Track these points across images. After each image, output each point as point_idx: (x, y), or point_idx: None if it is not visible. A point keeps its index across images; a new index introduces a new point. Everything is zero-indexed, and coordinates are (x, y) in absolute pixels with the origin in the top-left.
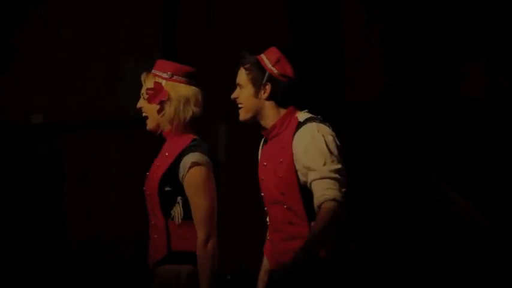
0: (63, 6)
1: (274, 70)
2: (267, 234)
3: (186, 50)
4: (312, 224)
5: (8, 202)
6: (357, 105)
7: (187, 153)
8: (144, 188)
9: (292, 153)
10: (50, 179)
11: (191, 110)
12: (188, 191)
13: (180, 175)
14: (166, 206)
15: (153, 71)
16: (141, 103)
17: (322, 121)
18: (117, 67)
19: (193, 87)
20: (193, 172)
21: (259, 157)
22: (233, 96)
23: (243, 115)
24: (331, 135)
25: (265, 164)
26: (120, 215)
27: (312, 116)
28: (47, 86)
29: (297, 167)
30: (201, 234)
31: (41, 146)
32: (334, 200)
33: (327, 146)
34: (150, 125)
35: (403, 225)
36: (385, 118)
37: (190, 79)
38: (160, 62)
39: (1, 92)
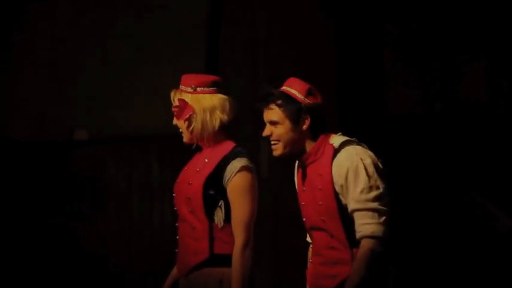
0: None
1: (308, 101)
2: (310, 256)
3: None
4: (353, 264)
5: (47, 217)
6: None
7: (235, 158)
8: (175, 194)
9: (332, 180)
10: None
11: (219, 118)
12: (233, 195)
13: (225, 179)
14: (209, 210)
15: (180, 86)
16: (174, 120)
17: (359, 143)
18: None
19: (219, 95)
20: (241, 176)
21: (296, 180)
22: (266, 134)
23: (281, 151)
24: (370, 157)
25: (304, 189)
26: (161, 232)
27: (348, 139)
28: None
29: (339, 192)
30: (239, 239)
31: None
32: (371, 237)
33: (366, 170)
34: (185, 139)
35: (446, 240)
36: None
37: (215, 88)
38: (184, 77)
39: (43, 106)
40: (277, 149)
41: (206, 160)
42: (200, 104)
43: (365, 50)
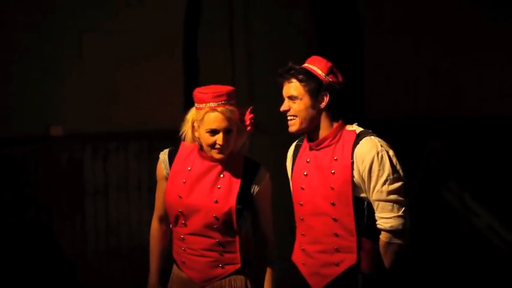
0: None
1: (329, 79)
2: (297, 243)
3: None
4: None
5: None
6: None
7: (258, 168)
8: (185, 209)
9: (351, 165)
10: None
11: None
12: (263, 202)
13: (254, 190)
14: (238, 223)
15: (225, 101)
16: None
17: (376, 135)
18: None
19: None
20: (268, 184)
21: (291, 165)
22: (284, 108)
23: (298, 126)
24: (392, 150)
25: (305, 173)
26: (140, 228)
27: (366, 130)
28: (68, 97)
29: (356, 179)
30: (272, 240)
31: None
32: (389, 231)
33: (391, 161)
34: (224, 154)
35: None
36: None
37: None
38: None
39: (20, 103)
40: (294, 125)
41: (222, 175)
42: (236, 117)
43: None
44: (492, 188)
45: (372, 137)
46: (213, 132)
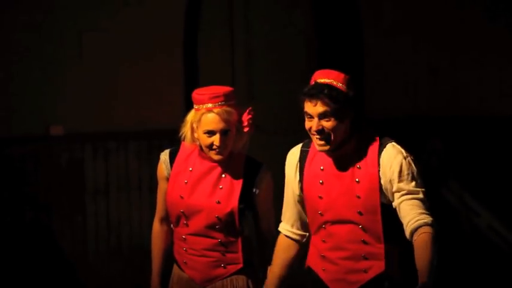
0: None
1: (351, 93)
2: (314, 249)
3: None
4: (416, 255)
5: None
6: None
7: (261, 166)
8: (186, 209)
9: (378, 173)
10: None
11: None
12: (265, 202)
13: (257, 189)
14: (241, 223)
15: (222, 103)
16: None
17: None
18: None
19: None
20: (270, 183)
21: (297, 173)
22: (317, 128)
23: (334, 144)
24: (412, 156)
25: (321, 181)
26: (140, 228)
27: (385, 136)
28: (68, 97)
29: (384, 185)
30: (274, 243)
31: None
32: (431, 225)
33: (416, 166)
34: (223, 155)
35: None
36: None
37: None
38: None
39: (21, 102)
40: (331, 143)
41: (223, 176)
42: (234, 118)
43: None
44: (492, 188)
45: (393, 142)
46: (210, 133)
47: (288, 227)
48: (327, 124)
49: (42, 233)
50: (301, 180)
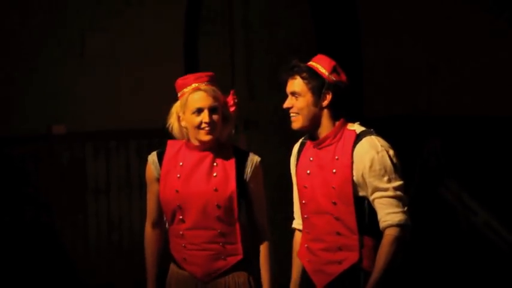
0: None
1: (332, 78)
2: (303, 240)
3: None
4: (378, 253)
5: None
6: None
7: (247, 154)
8: (183, 202)
9: (351, 165)
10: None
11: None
12: (256, 189)
13: (247, 176)
14: (239, 209)
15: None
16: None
17: (377, 135)
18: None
19: None
20: (260, 170)
21: (295, 164)
22: (287, 105)
23: (300, 123)
24: (392, 148)
25: (308, 172)
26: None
27: (367, 129)
28: (69, 96)
29: (356, 178)
30: (267, 231)
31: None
32: (398, 225)
33: (391, 160)
34: (213, 135)
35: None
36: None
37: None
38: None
39: (22, 102)
40: (297, 122)
41: (215, 164)
42: (219, 97)
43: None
44: (491, 187)
45: (373, 136)
46: (199, 111)
47: (299, 221)
48: (296, 103)
49: (43, 232)
50: (296, 171)
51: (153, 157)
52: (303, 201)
